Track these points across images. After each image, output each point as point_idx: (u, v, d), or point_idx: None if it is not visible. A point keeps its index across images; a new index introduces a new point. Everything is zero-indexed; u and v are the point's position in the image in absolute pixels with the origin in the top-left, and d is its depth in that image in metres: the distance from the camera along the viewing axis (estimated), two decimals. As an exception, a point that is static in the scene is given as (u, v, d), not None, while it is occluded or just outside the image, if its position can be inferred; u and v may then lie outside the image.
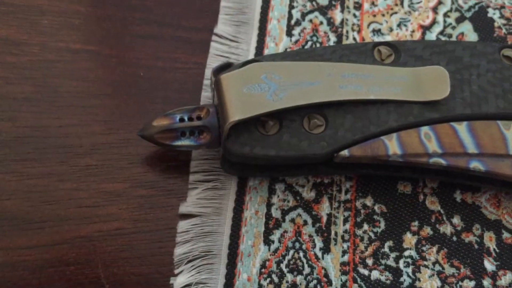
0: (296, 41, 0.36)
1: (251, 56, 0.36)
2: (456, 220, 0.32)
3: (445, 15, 0.39)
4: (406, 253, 0.31)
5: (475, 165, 0.30)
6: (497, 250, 0.32)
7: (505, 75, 0.33)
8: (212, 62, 0.35)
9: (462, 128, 0.31)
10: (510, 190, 0.33)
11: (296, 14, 0.37)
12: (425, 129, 0.31)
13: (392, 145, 0.30)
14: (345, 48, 0.33)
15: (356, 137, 0.30)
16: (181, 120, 0.30)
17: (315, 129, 0.30)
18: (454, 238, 0.32)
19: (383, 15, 0.38)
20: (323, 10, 0.38)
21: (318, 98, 0.30)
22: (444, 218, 0.32)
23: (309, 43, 0.37)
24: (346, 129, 0.30)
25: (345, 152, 0.30)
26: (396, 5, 0.39)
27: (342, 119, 0.30)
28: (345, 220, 0.32)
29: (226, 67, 0.32)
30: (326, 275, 0.30)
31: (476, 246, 0.32)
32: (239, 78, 0.29)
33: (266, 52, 0.36)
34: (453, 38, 0.38)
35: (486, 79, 0.32)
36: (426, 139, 0.30)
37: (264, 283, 0.30)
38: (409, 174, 0.33)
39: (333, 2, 0.38)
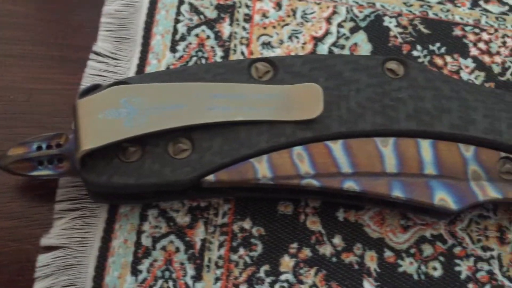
0: (180, 57, 0.36)
1: (131, 74, 0.35)
2: (337, 240, 0.32)
3: (339, 25, 0.39)
4: (283, 277, 0.31)
5: (350, 185, 0.30)
6: (378, 270, 0.32)
7: (385, 89, 0.33)
8: (88, 82, 0.34)
9: (337, 147, 0.31)
10: (393, 208, 0.33)
11: (181, 28, 0.37)
12: (298, 150, 0.30)
13: (261, 168, 0.30)
14: (220, 66, 0.32)
15: (224, 161, 0.30)
16: (39, 148, 0.29)
17: (180, 154, 0.29)
18: (334, 259, 0.32)
19: (274, 27, 0.38)
20: (210, 24, 0.38)
21: (182, 122, 0.29)
22: (325, 239, 0.32)
23: (194, 59, 0.36)
24: (214, 153, 0.30)
25: (211, 177, 0.29)
26: (289, 16, 0.39)
27: (210, 142, 0.30)
28: (220, 245, 0.31)
29: (93, 89, 0.31)
30: (199, 304, 0.30)
31: (356, 267, 0.32)
32: (96, 103, 0.29)
33: (148, 70, 0.35)
34: (346, 49, 0.38)
35: (365, 94, 0.32)
36: (299, 159, 0.30)
37: (133, 314, 0.29)
38: (287, 196, 0.33)
39: (222, 15, 0.38)
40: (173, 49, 0.36)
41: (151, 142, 0.30)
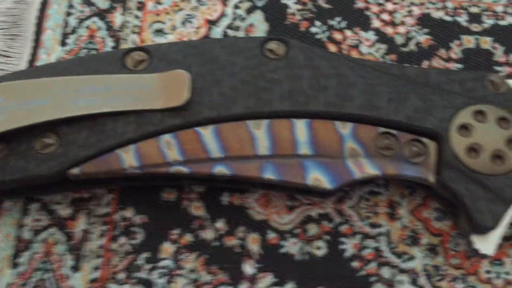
0: (70, 50, 0.37)
1: (22, 71, 0.36)
2: (220, 224, 0.33)
3: (235, 6, 0.39)
4: (162, 263, 0.32)
5: (220, 169, 0.31)
6: (261, 252, 0.32)
7: (261, 71, 0.33)
8: (-23, 82, 0.35)
9: (207, 132, 0.31)
10: (279, 190, 0.33)
11: (72, 21, 0.38)
12: (166, 137, 0.31)
13: (128, 158, 0.31)
14: (93, 58, 0.33)
15: (89, 153, 0.30)
16: None
17: (46, 148, 0.30)
18: (216, 243, 0.32)
19: (168, 13, 0.38)
20: (102, 15, 0.38)
21: (46, 117, 0.30)
22: (208, 223, 0.33)
23: (84, 51, 0.37)
24: (79, 146, 0.31)
25: (76, 170, 0.30)
26: (183, 1, 0.39)
27: (75, 136, 0.31)
28: (101, 235, 0.32)
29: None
30: (78, 293, 0.31)
31: (238, 250, 0.32)
32: (-41, 102, 0.30)
33: (39, 64, 0.36)
34: (242, 31, 0.38)
35: (240, 78, 0.32)
36: (167, 147, 0.31)
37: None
38: (172, 183, 0.33)
39: (114, 5, 0.39)
40: (63, 43, 0.37)
41: (16, 139, 0.31)
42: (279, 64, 0.33)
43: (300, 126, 0.32)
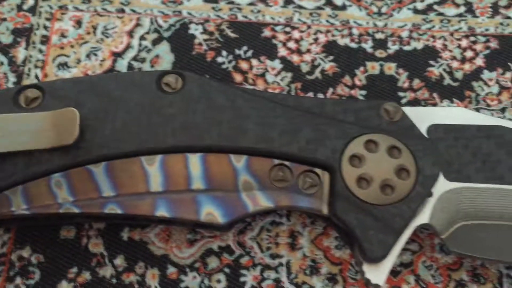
0: (-29, 87, 0.37)
1: None
2: (119, 260, 0.33)
3: (142, 37, 0.39)
4: (58, 304, 0.32)
5: (112, 207, 0.31)
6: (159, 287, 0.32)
7: (156, 105, 0.33)
8: None
9: (98, 170, 0.31)
10: (179, 225, 0.33)
11: (-26, 57, 0.38)
12: (56, 177, 0.31)
13: (16, 199, 0.30)
14: (-15, 97, 0.33)
15: (-23, 196, 0.30)
16: None
17: None
18: (114, 280, 0.32)
19: (72, 46, 0.38)
20: (5, 50, 0.38)
21: None
22: (106, 260, 0.33)
23: (-14, 87, 0.37)
24: (-32, 188, 0.30)
25: (-36, 213, 0.30)
26: (89, 33, 0.39)
27: (-37, 178, 0.30)
28: (-4, 276, 0.32)
29: None
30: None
31: (136, 286, 0.32)
32: None
33: None
34: (147, 62, 0.39)
35: (134, 113, 0.32)
36: (57, 187, 0.31)
37: None
38: (64, 221, 0.33)
39: (18, 39, 0.39)
40: (-36, 80, 0.37)
41: None
42: (174, 98, 0.33)
43: (194, 161, 0.32)
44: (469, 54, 0.40)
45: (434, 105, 0.38)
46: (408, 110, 0.34)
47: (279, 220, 0.35)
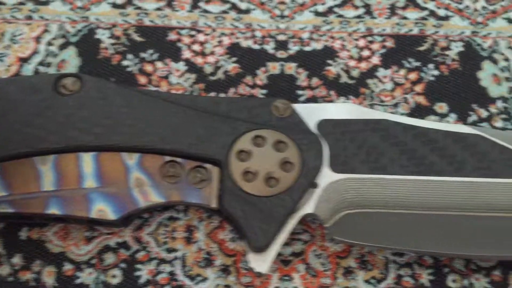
0: None
1: None
2: (16, 259, 0.34)
3: (49, 43, 0.40)
4: (-46, 302, 0.32)
5: (3, 207, 0.32)
6: (56, 284, 0.33)
7: (53, 107, 0.34)
8: None
9: (-8, 172, 0.32)
10: (77, 223, 0.34)
11: None
12: None
13: None
14: None
15: None
16: None
17: None
18: (11, 279, 0.33)
19: (-21, 52, 0.39)
20: None
21: None
22: (4, 259, 0.34)
23: None
24: None
25: None
26: None
27: None
28: None
29: None
30: None
31: (33, 283, 0.33)
32: None
33: None
34: (53, 66, 0.40)
35: (30, 115, 0.34)
36: None
37: None
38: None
39: None
40: None
41: None
42: (71, 99, 0.35)
43: (87, 160, 0.33)
44: (365, 53, 0.42)
45: (331, 102, 0.40)
46: (300, 107, 0.36)
47: (177, 215, 0.36)
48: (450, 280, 0.35)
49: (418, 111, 0.40)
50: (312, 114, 0.36)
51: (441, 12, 0.44)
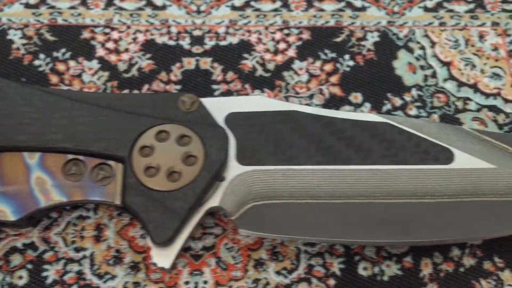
0: None
1: None
2: None
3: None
4: None
5: None
6: (-40, 289, 0.33)
7: None
8: None
9: None
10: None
11: None
12: None
13: None
14: None
15: None
16: None
17: None
18: None
19: None
20: None
21: None
22: None
23: None
24: None
25: None
26: None
27: None
28: None
29: None
30: None
31: None
32: None
33: None
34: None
35: None
36: None
37: None
38: None
39: None
40: None
41: None
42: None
43: (-9, 160, 0.33)
44: (282, 46, 0.42)
45: (246, 95, 0.40)
46: (208, 101, 0.36)
47: (86, 214, 0.36)
48: (361, 268, 0.35)
49: (333, 102, 0.41)
50: (221, 107, 0.36)
51: (358, 3, 0.44)
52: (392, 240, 0.34)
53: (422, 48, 0.43)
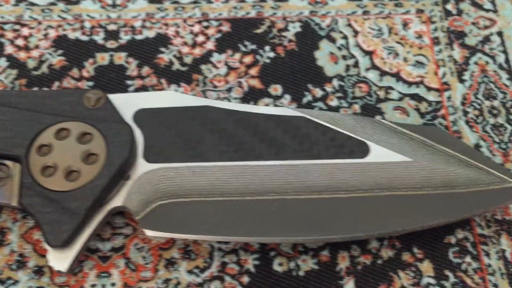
0: None
1: None
2: None
3: None
4: None
5: None
6: None
7: None
8: None
9: None
10: None
11: None
12: None
13: None
14: None
15: None
16: None
17: None
18: None
19: None
20: None
21: None
22: None
23: None
24: None
25: None
26: None
27: None
28: None
29: None
30: None
31: None
32: None
33: None
34: None
35: None
36: None
37: None
38: None
39: None
40: None
41: None
42: None
43: None
44: (200, 38, 0.41)
45: (162, 90, 0.39)
46: (116, 97, 0.35)
47: (-11, 217, 0.35)
48: (276, 263, 0.35)
49: (251, 95, 0.40)
50: (130, 104, 0.35)
51: (280, -6, 0.44)
52: (306, 237, 0.33)
53: (345, 37, 0.42)
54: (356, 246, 0.35)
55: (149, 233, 0.32)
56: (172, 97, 0.36)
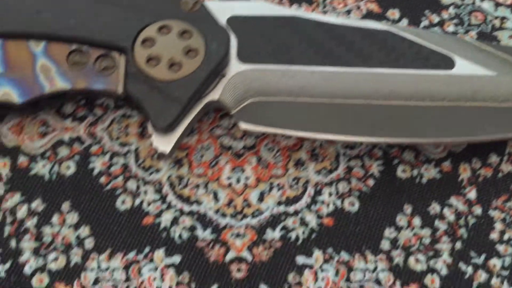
0: None
1: None
2: (-31, 153, 0.35)
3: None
4: None
5: None
6: (9, 174, 0.35)
7: None
8: None
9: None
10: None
11: None
12: None
13: None
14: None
15: None
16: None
17: None
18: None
19: None
20: None
21: None
22: (-42, 153, 0.35)
23: None
24: None
25: None
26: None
27: None
28: None
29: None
30: None
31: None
32: None
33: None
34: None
35: None
36: None
37: None
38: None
39: None
40: None
41: None
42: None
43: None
44: (321, -36, 0.44)
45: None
46: (211, 4, 0.38)
47: (130, 113, 0.38)
48: (400, 170, 0.37)
49: (369, 18, 0.42)
50: (223, 10, 0.38)
51: None
52: (391, 138, 0.35)
53: (462, -31, 0.44)
54: (476, 158, 0.37)
55: (243, 125, 0.35)
56: (263, 7, 0.38)
